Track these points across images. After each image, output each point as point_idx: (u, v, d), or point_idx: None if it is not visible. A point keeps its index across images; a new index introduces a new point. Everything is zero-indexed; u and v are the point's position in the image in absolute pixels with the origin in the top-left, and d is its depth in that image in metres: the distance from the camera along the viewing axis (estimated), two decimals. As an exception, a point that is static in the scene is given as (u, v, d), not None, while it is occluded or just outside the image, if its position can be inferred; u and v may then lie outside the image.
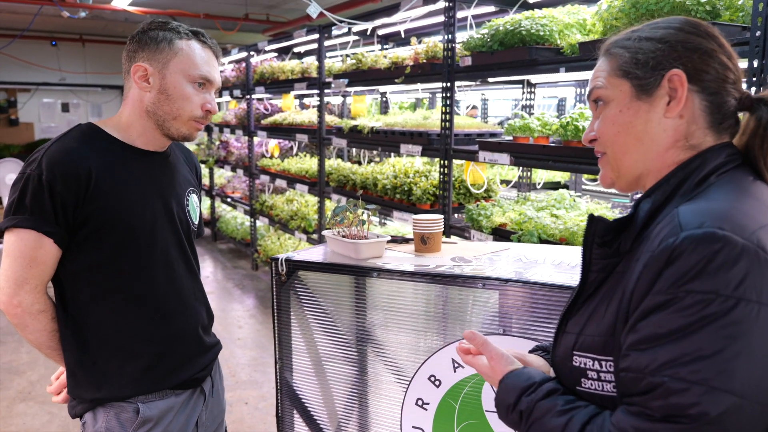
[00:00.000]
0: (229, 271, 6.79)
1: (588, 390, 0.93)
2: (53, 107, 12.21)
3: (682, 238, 0.79)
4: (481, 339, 1.08)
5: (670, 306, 0.78)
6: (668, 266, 0.79)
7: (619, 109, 0.97)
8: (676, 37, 0.94)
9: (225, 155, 7.64)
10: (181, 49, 1.49)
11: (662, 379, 0.77)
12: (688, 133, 0.94)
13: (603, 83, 1.00)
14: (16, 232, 1.38)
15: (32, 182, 1.37)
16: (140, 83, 1.49)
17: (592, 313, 0.94)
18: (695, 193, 0.89)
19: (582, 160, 2.65)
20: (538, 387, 0.96)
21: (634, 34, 0.98)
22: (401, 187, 3.91)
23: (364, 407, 1.81)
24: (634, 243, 0.92)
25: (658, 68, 0.94)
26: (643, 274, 0.83)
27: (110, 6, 7.61)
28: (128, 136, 1.53)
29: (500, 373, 1.03)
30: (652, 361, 0.78)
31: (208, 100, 1.54)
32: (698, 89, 0.93)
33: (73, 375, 1.51)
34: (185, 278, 1.62)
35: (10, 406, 3.67)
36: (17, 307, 1.41)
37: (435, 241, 1.92)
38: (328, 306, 1.82)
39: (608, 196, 5.13)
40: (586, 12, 3.00)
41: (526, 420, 0.95)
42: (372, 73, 4.24)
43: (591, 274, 0.97)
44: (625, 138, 0.97)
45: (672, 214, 0.85)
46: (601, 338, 0.90)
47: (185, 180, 1.68)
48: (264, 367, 4.25)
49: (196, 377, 1.62)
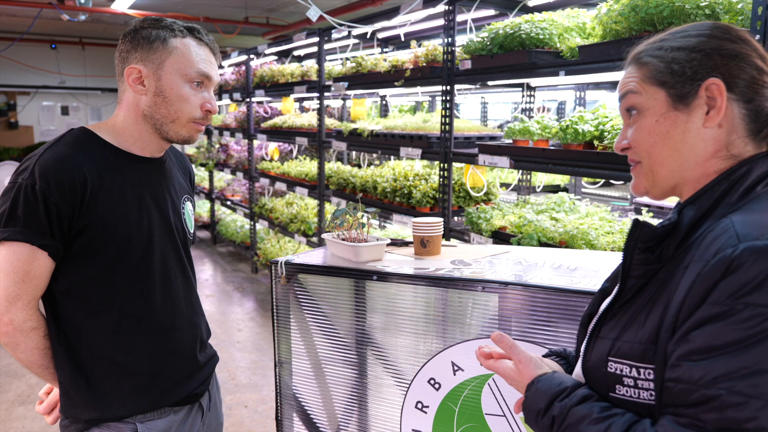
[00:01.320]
0: (228, 275, 6.78)
1: (622, 397, 0.91)
2: (53, 110, 12.21)
3: (742, 249, 0.78)
4: (509, 341, 1.06)
5: (727, 318, 0.77)
6: (725, 277, 0.78)
7: (655, 119, 0.95)
8: (709, 44, 0.92)
9: (225, 158, 7.64)
10: (175, 47, 1.41)
11: (719, 392, 0.76)
12: (728, 143, 0.92)
13: (636, 88, 0.97)
14: (8, 246, 1.30)
15: (24, 192, 1.29)
16: (135, 86, 1.41)
17: (631, 320, 0.93)
18: (742, 203, 0.87)
19: (581, 163, 2.65)
20: (571, 392, 0.95)
21: (665, 43, 0.96)
22: (401, 190, 3.91)
23: (363, 410, 1.80)
24: (677, 250, 0.90)
25: (695, 78, 0.91)
26: (696, 282, 0.81)
27: (110, 9, 7.62)
28: (123, 141, 1.46)
29: (529, 377, 1.01)
30: (707, 373, 0.77)
31: (207, 99, 1.46)
32: (736, 97, 0.91)
33: (67, 394, 1.43)
34: (183, 290, 1.55)
35: (9, 410, 3.66)
36: (8, 325, 1.33)
37: (435, 244, 1.92)
38: (328, 309, 1.81)
39: (608, 199, 5.13)
40: (586, 15, 3.01)
41: (559, 426, 0.93)
42: (372, 76, 4.24)
43: (630, 280, 0.95)
44: (662, 149, 0.95)
45: (726, 224, 0.83)
46: (641, 345, 0.89)
47: (181, 187, 1.61)
48: (263, 370, 4.25)
49: (194, 393, 1.56)
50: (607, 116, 2.72)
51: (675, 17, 2.24)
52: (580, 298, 1.46)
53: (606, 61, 2.50)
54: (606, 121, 2.67)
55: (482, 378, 1.59)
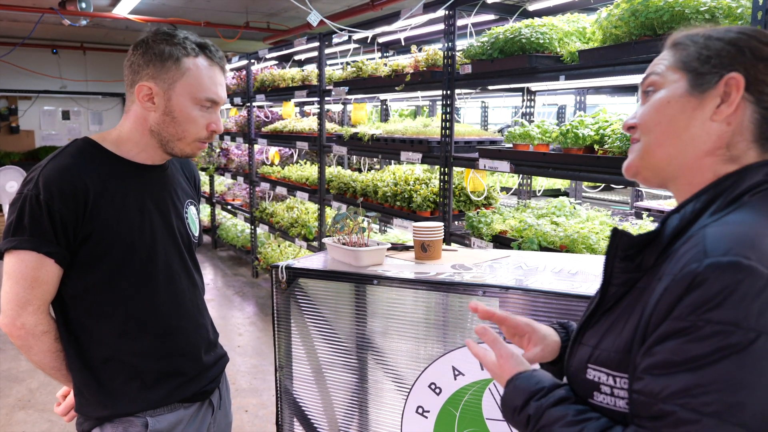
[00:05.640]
0: (229, 279, 6.78)
1: (600, 404, 0.91)
2: (54, 115, 12.22)
3: (706, 265, 0.77)
4: (492, 335, 1.06)
5: (688, 334, 0.77)
6: (689, 293, 0.78)
7: (667, 99, 0.94)
8: (747, 42, 0.91)
9: (225, 163, 7.65)
10: (188, 69, 1.43)
11: (673, 408, 0.76)
12: (730, 143, 0.90)
13: (661, 69, 0.96)
14: (16, 254, 1.35)
15: (30, 202, 1.34)
16: (144, 103, 1.44)
17: (610, 328, 0.93)
18: (724, 213, 0.86)
19: (582, 167, 2.65)
20: (548, 392, 0.95)
21: (706, 32, 0.95)
22: (401, 194, 3.91)
23: (364, 415, 1.80)
24: (658, 259, 0.89)
25: (719, 68, 0.90)
26: (663, 296, 0.81)
27: (111, 14, 7.64)
28: (127, 151, 1.49)
29: (509, 373, 1.02)
30: (665, 387, 0.77)
31: (214, 120, 1.49)
32: (753, 100, 0.90)
33: (80, 393, 1.49)
34: (188, 293, 1.59)
35: (9, 414, 3.65)
36: (20, 329, 1.39)
37: (435, 248, 1.92)
38: (329, 313, 1.81)
39: (608, 203, 5.13)
40: (586, 20, 3.02)
41: (534, 425, 0.93)
42: (372, 80, 4.25)
43: (611, 288, 0.95)
44: (664, 130, 0.94)
45: (699, 236, 0.82)
46: (618, 354, 0.89)
47: (183, 192, 1.65)
48: (264, 375, 4.24)
49: (204, 390, 1.60)
50: (608, 120, 2.72)
51: (675, 21, 2.24)
52: (580, 302, 1.46)
53: (606, 65, 2.50)
54: (606, 126, 2.68)
55: (483, 383, 1.59)
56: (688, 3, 2.20)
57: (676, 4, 2.22)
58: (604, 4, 3.11)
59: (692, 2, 2.20)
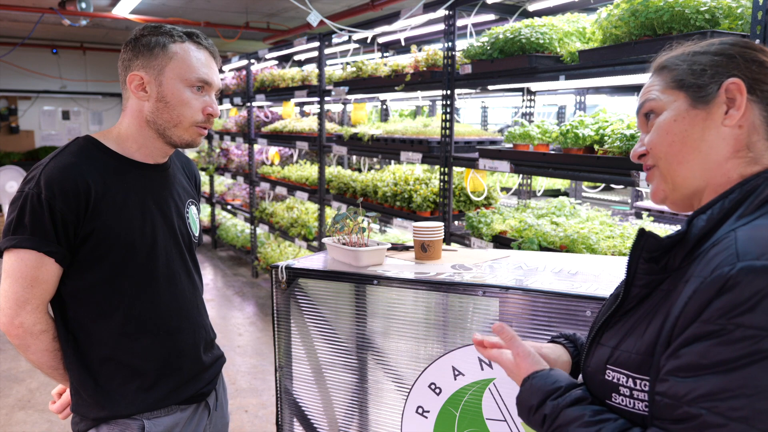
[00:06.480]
0: (229, 279, 6.78)
1: (618, 405, 0.91)
2: (54, 115, 12.22)
3: (739, 268, 0.76)
4: (509, 333, 1.05)
5: (717, 337, 0.76)
6: (720, 296, 0.77)
7: (674, 118, 0.94)
8: (732, 50, 0.92)
9: (225, 163, 7.65)
10: (175, 53, 1.44)
11: (700, 411, 0.75)
12: (749, 143, 0.91)
13: (656, 95, 0.97)
14: (16, 253, 1.35)
15: (31, 201, 1.33)
16: (137, 93, 1.45)
17: (631, 329, 0.92)
18: (754, 216, 0.85)
19: (582, 167, 2.65)
20: (565, 392, 0.94)
21: (688, 50, 0.97)
22: (401, 194, 3.91)
23: (364, 415, 1.80)
24: (683, 261, 0.89)
25: (716, 77, 0.91)
26: (692, 299, 0.80)
27: (111, 14, 7.64)
28: (127, 148, 1.49)
29: (525, 372, 1.01)
30: (692, 390, 0.77)
31: (209, 103, 1.49)
32: (757, 100, 0.91)
33: (77, 393, 1.48)
34: (188, 293, 1.59)
35: (9, 414, 3.65)
36: (19, 327, 1.38)
37: (435, 248, 1.92)
38: (329, 313, 1.81)
39: (608, 203, 5.13)
40: (586, 20, 3.02)
41: (550, 424, 0.93)
42: (372, 80, 4.25)
43: (634, 289, 0.95)
44: (680, 147, 0.93)
45: (729, 239, 0.81)
46: (639, 356, 0.88)
47: (185, 191, 1.65)
48: (264, 375, 4.24)
49: (201, 392, 1.59)
50: (608, 120, 2.72)
51: (675, 22, 2.24)
52: (580, 302, 1.46)
53: (606, 65, 2.50)
54: (606, 126, 2.68)
55: (483, 383, 1.59)
56: (688, 3, 2.20)
57: (676, 4, 2.22)
58: (604, 4, 3.12)
59: (692, 2, 2.20)
